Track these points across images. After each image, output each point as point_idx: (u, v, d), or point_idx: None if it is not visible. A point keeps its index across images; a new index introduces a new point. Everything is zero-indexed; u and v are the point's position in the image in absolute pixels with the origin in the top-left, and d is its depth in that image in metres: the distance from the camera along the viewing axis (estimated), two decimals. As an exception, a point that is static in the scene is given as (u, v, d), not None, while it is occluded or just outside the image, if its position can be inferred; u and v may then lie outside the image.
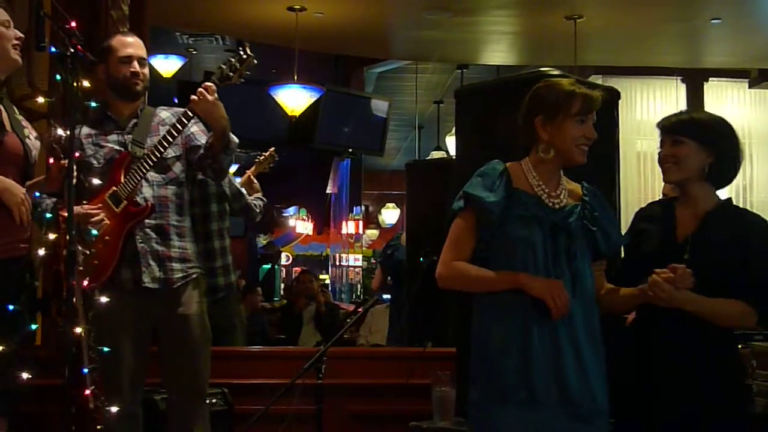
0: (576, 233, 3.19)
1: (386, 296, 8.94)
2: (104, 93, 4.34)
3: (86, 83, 3.62)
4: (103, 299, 3.96)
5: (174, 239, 4.25)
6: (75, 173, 3.50)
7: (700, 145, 3.32)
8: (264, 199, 6.02)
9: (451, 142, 13.46)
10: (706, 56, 11.04)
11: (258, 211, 5.90)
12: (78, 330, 3.41)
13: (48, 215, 4.00)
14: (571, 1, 8.86)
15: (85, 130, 4.31)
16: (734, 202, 3.44)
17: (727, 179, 3.41)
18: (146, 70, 4.35)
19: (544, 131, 3.21)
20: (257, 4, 9.08)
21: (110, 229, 4.13)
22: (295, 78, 9.72)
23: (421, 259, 5.50)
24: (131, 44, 4.31)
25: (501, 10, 9.17)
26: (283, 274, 21.16)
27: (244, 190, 5.83)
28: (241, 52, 4.12)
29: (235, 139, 4.24)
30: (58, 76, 3.55)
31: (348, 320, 8.12)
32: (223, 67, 4.11)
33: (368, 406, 5.33)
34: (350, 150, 13.34)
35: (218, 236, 4.41)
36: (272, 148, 6.40)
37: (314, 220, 19.35)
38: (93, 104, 4.06)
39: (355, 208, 18.36)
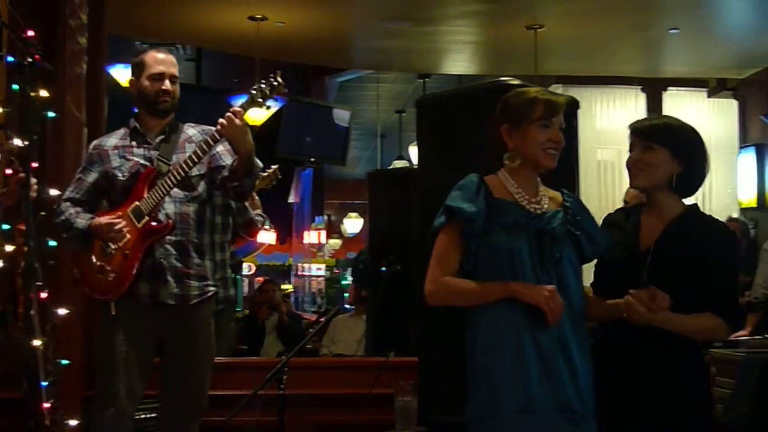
0: (560, 237, 3.18)
1: (348, 306, 8.93)
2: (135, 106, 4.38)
3: (44, 93, 3.59)
4: (62, 311, 3.94)
5: (193, 256, 4.25)
6: (34, 185, 3.47)
7: (671, 153, 3.30)
8: (264, 215, 6.01)
9: (413, 151, 13.47)
10: (665, 66, 11.14)
11: (258, 227, 5.92)
12: (36, 343, 3.38)
13: (5, 226, 3.97)
14: (532, 11, 8.89)
15: (113, 141, 4.35)
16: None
17: (693, 189, 3.38)
18: (177, 88, 4.36)
19: (510, 139, 3.22)
20: (218, 13, 9.05)
21: (131, 243, 4.14)
22: (256, 88, 9.66)
23: (383, 268, 5.48)
24: (163, 61, 4.31)
25: (462, 19, 9.19)
26: (246, 285, 21.05)
27: (248, 205, 5.83)
28: (272, 79, 4.11)
29: (260, 164, 4.25)
30: (15, 86, 3.52)
31: (310, 330, 8.10)
32: (254, 92, 4.09)
33: (331, 416, 5.30)
34: (312, 159, 13.32)
35: (220, 249, 4.41)
36: (276, 166, 6.39)
37: (277, 230, 19.25)
38: (51, 114, 4.03)
39: (317, 217, 18.33)
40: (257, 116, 9.76)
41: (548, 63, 10.11)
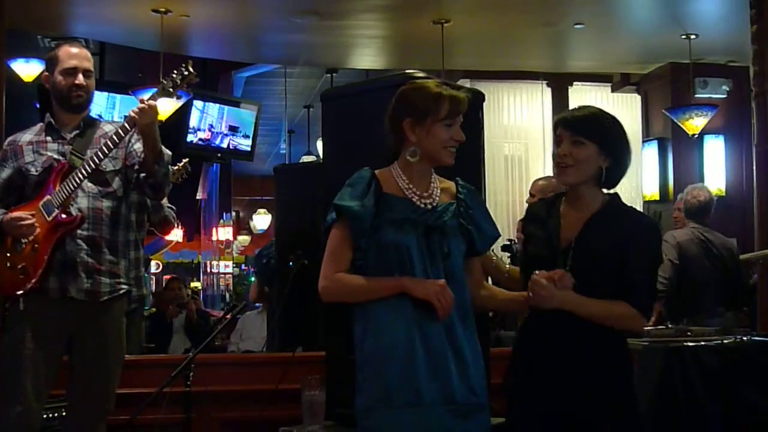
0: (450, 231, 3.19)
1: (258, 304, 8.87)
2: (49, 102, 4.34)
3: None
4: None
5: (105, 252, 4.21)
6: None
7: (600, 148, 3.27)
8: (173, 207, 5.94)
9: (320, 146, 13.44)
10: (570, 60, 11.27)
11: (174, 223, 5.85)
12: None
13: None
14: (439, 6, 8.92)
15: (27, 137, 4.32)
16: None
17: (616, 182, 3.36)
18: (91, 82, 4.33)
19: (412, 134, 3.21)
20: (120, 6, 8.88)
21: (40, 236, 4.10)
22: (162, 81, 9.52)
23: (290, 263, 5.45)
24: (76, 55, 4.28)
25: (369, 14, 9.17)
26: (153, 283, 20.82)
27: (162, 202, 5.76)
28: (183, 69, 4.08)
29: (168, 152, 4.23)
30: None
31: (217, 326, 8.01)
32: (164, 82, 4.07)
33: (238, 412, 5.25)
34: (219, 155, 13.18)
35: (135, 247, 4.37)
36: (186, 159, 6.30)
37: (184, 227, 19.09)
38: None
39: (225, 214, 18.19)
40: (163, 111, 9.61)
41: (455, 57, 10.15)
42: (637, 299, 3.20)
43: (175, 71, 4.10)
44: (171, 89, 4.08)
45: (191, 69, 4.08)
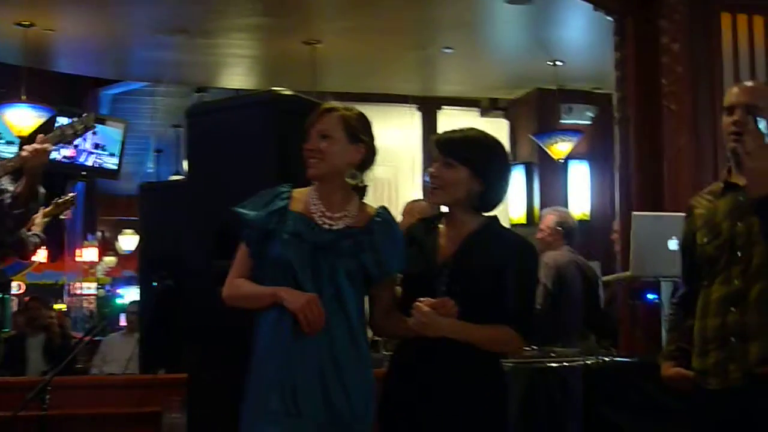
0: (342, 253, 3.17)
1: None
2: None
3: None
4: None
5: None
6: None
7: (472, 172, 3.24)
8: (42, 235, 5.76)
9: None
10: (439, 84, 11.40)
11: (31, 248, 5.67)
12: None
13: None
14: (309, 27, 8.93)
15: None
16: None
17: (492, 206, 3.33)
18: None
19: None
20: (-20, 18, 8.64)
21: None
22: (24, 97, 9.28)
23: (154, 283, 5.33)
24: None
25: (239, 33, 9.13)
26: (15, 304, 20.21)
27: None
28: (85, 118, 4.02)
29: (42, 189, 4.20)
30: None
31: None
32: (65, 128, 3.98)
33: (97, 437, 5.11)
34: (84, 173, 12.87)
35: None
36: (73, 194, 6.15)
37: (48, 247, 18.59)
38: None
39: (89, 234, 17.77)
40: (25, 127, 9.35)
41: (326, 79, 10.15)
42: (519, 322, 3.18)
43: (77, 120, 4.05)
44: (70, 137, 4.04)
45: (93, 120, 4.05)
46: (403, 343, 3.33)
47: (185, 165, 14.84)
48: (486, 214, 3.33)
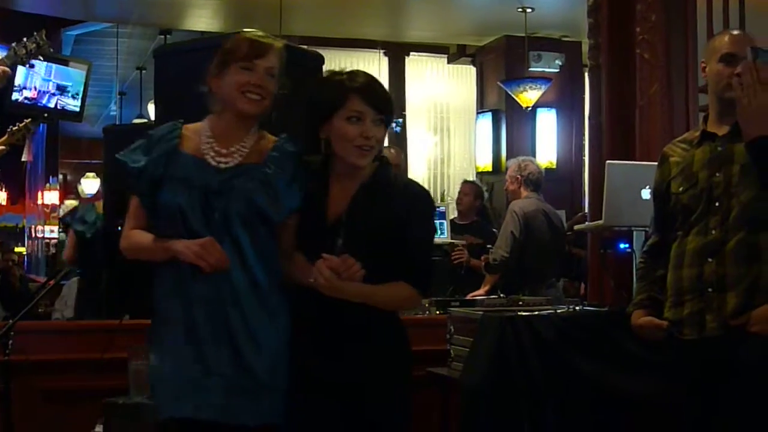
0: (237, 195, 2.96)
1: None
2: None
3: None
4: None
5: None
6: None
7: (387, 125, 3.08)
8: None
9: (153, 109, 13.13)
10: (407, 30, 11.33)
11: None
12: None
13: None
14: (277, -31, 8.80)
15: None
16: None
17: None
18: None
19: (212, 83, 3.07)
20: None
21: None
22: (-16, 36, 9.11)
23: (119, 228, 5.25)
24: None
25: (206, -27, 9.00)
26: (-26, 247, 20.05)
27: None
28: (37, 37, 3.86)
29: None
30: None
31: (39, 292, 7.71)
32: (16, 48, 3.84)
33: (60, 382, 5.03)
34: (46, 115, 12.68)
35: None
36: (28, 120, 5.96)
37: (8, 190, 18.41)
38: None
39: (51, 177, 17.59)
40: (-15, 67, 9.18)
41: (293, 23, 10.05)
42: (417, 279, 3.04)
43: (27, 38, 3.92)
44: (24, 57, 3.91)
45: (45, 38, 3.91)
46: (305, 292, 3.00)
47: (149, 108, 14.73)
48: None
